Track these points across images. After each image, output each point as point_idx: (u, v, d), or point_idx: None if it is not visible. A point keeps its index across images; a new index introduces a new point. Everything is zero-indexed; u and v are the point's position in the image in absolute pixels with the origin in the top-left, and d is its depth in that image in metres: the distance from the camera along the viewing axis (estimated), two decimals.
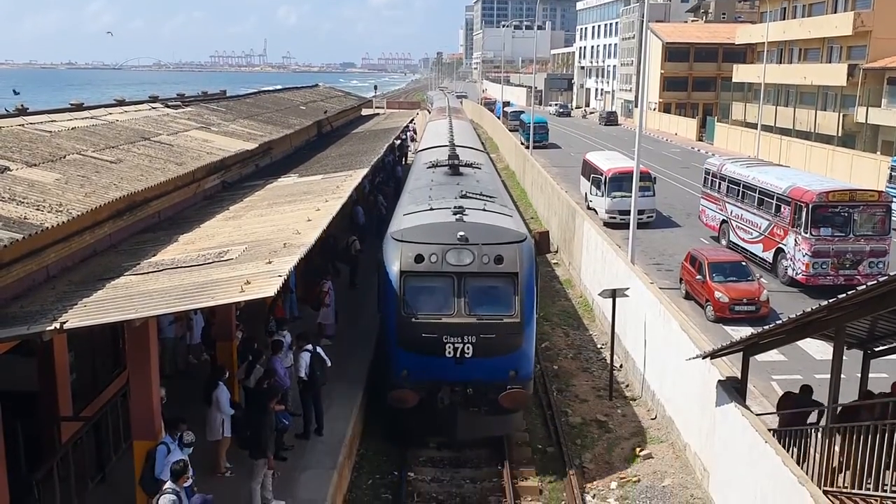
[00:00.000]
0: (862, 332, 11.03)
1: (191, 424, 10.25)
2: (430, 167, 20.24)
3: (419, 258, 13.28)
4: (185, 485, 9.11)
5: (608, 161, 34.35)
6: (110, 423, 11.83)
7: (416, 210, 15.24)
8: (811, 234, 22.11)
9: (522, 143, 52.42)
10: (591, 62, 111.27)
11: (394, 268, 13.31)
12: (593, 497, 12.50)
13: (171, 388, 11.87)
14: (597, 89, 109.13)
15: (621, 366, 17.58)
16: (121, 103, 21.05)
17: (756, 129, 48.47)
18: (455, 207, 14.45)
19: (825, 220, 22.22)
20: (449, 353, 12.92)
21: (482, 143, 40.49)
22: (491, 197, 16.61)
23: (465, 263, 13.20)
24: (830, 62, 52.61)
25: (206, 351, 15.40)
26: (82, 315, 8.57)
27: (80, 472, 10.72)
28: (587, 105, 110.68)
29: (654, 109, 77.54)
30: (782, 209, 23.55)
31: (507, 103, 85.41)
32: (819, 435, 10.53)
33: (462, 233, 13.40)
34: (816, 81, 52.89)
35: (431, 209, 14.95)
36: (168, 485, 8.89)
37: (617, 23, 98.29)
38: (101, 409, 11.86)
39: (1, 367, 9.58)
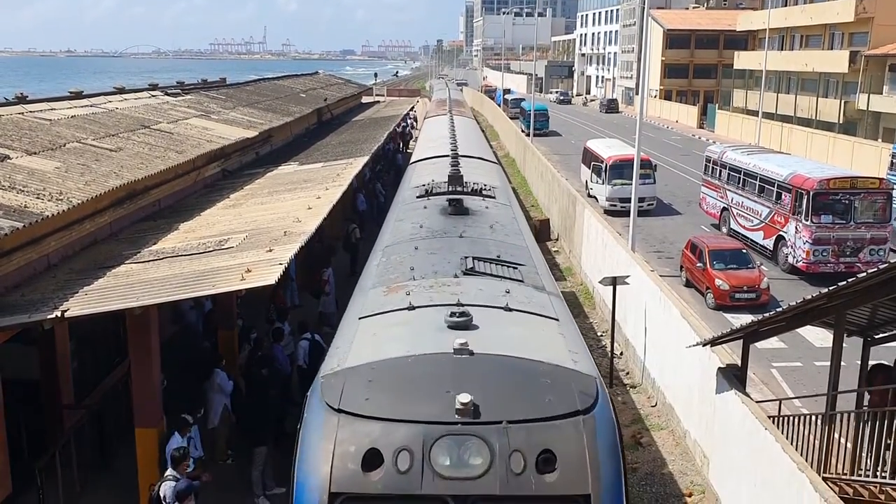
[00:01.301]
0: (862, 319, 11.03)
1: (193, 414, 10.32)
2: (421, 196, 13.37)
3: (372, 459, 5.77)
4: (189, 468, 9.16)
5: (609, 149, 34.28)
6: (112, 411, 11.88)
7: (380, 309, 7.79)
8: (812, 221, 22.09)
9: (523, 131, 52.32)
10: (592, 49, 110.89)
11: (316, 480, 5.85)
12: None
13: (176, 377, 11.88)
14: (597, 77, 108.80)
15: (622, 353, 17.61)
16: (120, 91, 21.04)
17: (757, 116, 48.34)
18: (455, 313, 6.98)
19: (826, 208, 22.19)
20: None
21: (489, 144, 35.81)
22: (516, 265, 9.36)
23: (473, 473, 5.78)
24: (832, 49, 52.41)
25: (206, 339, 15.44)
26: (83, 303, 8.59)
27: (82, 460, 10.77)
28: (588, 92, 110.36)
29: (655, 97, 77.35)
30: (783, 197, 23.53)
31: (507, 91, 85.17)
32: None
33: (467, 397, 5.88)
34: (818, 68, 52.71)
35: (411, 307, 7.53)
36: (169, 472, 8.95)
37: (618, 9, 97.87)
38: (102, 397, 11.91)
39: (2, 356, 9.60)
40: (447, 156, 17.22)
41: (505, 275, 8.85)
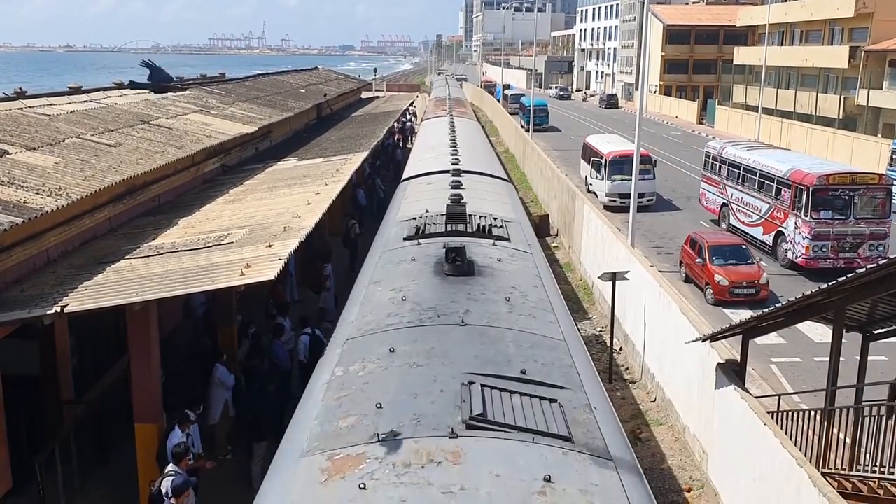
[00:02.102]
0: (861, 314, 11.04)
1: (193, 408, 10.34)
2: (410, 238, 9.92)
3: None
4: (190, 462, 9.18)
5: (608, 144, 34.28)
6: (112, 407, 11.88)
7: None
8: (811, 217, 22.09)
9: (522, 127, 52.27)
10: (592, 45, 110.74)
11: None
12: None
13: (178, 371, 11.89)
14: (597, 72, 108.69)
15: (621, 349, 17.62)
16: (119, 86, 21.01)
17: (757, 111, 48.34)
18: None
19: (825, 203, 22.18)
20: None
21: (497, 154, 32.67)
22: (554, 395, 5.73)
23: None
24: (832, 44, 52.37)
25: (206, 334, 15.45)
26: (83, 299, 8.60)
27: (82, 455, 10.78)
28: (587, 88, 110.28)
29: (655, 92, 77.25)
30: (783, 192, 23.52)
31: (507, 86, 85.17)
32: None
33: None
34: (818, 64, 52.67)
35: None
36: (170, 467, 8.95)
37: (618, 5, 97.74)
38: (102, 392, 11.91)
39: (2, 351, 9.61)
40: (447, 171, 14.82)
41: (539, 426, 5.18)
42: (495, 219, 10.95)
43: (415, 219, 10.93)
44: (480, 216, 10.82)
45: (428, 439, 4.89)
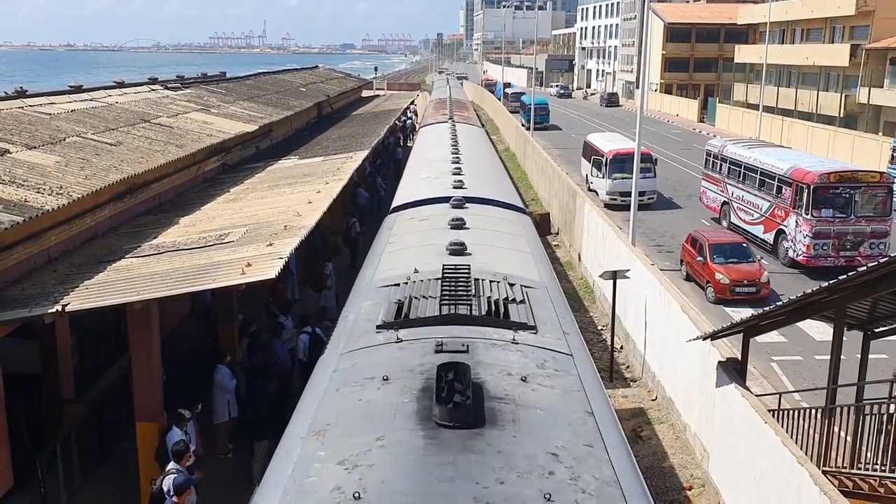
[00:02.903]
0: (862, 313, 11.03)
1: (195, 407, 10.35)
2: (387, 327, 6.34)
3: None
4: (191, 460, 9.18)
5: (609, 142, 34.27)
6: (113, 406, 11.90)
7: None
8: (812, 215, 22.08)
9: (523, 125, 52.25)
10: (592, 43, 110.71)
11: None
12: None
13: (180, 369, 11.90)
14: (598, 70, 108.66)
15: (622, 347, 17.62)
16: (120, 85, 21.03)
17: (758, 110, 48.29)
18: None
19: (826, 202, 22.17)
20: None
21: (507, 170, 28.81)
22: None
23: None
24: (833, 42, 52.34)
25: (207, 334, 15.45)
26: (84, 298, 8.60)
27: (83, 454, 10.79)
28: (588, 86, 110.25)
29: (656, 90, 77.21)
30: (783, 190, 23.51)
31: (507, 85, 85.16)
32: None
33: None
34: (818, 62, 52.63)
35: None
36: (171, 465, 8.96)
37: (618, 3, 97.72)
38: (103, 391, 11.92)
39: (3, 350, 9.61)
40: (446, 200, 11.78)
41: None
42: (511, 285, 7.52)
43: (397, 285, 7.55)
44: (492, 281, 7.49)
45: None
